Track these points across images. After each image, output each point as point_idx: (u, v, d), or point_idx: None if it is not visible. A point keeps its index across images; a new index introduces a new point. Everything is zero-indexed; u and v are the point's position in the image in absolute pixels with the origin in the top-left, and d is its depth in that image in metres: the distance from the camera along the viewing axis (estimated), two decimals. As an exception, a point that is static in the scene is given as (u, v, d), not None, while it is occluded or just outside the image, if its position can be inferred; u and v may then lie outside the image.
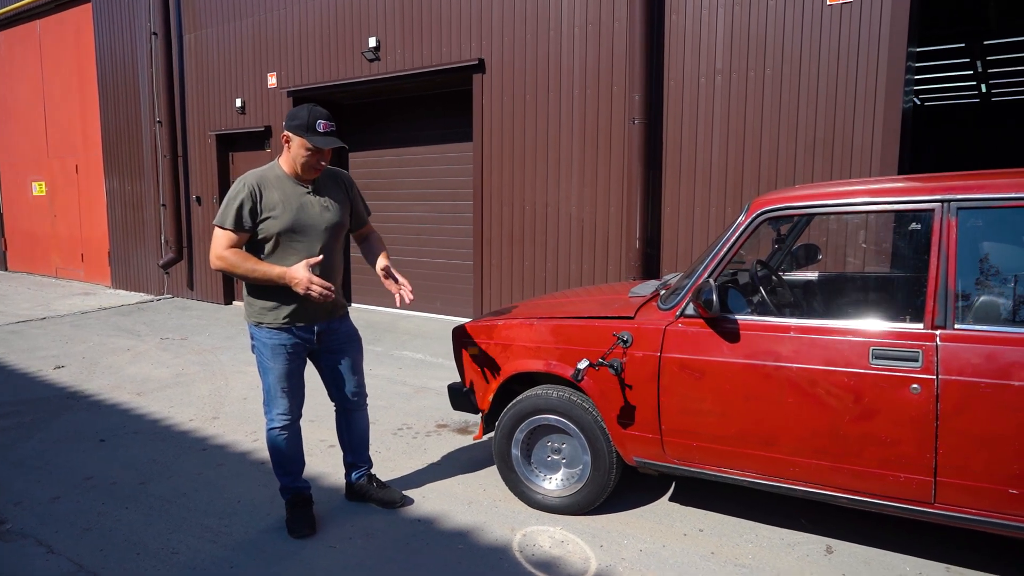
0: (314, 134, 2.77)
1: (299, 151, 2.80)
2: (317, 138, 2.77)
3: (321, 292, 2.71)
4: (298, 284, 2.71)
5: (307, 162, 2.81)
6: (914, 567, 2.67)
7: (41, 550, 2.87)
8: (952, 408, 2.29)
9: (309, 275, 2.71)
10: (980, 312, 2.36)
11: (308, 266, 2.73)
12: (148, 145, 9.50)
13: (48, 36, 11.01)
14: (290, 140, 2.82)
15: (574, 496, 3.09)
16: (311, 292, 2.70)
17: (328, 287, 2.73)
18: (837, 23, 4.76)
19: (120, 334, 7.22)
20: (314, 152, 2.80)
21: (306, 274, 2.71)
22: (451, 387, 3.52)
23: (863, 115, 4.71)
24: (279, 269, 2.74)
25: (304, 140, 2.77)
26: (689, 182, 5.45)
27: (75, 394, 5.08)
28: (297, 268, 2.72)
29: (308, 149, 2.78)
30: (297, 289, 2.71)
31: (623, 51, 5.61)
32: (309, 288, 2.70)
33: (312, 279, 2.70)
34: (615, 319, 2.98)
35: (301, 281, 2.70)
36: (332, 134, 2.82)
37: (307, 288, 2.70)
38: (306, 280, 2.70)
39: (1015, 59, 11.31)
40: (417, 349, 6.36)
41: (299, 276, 2.71)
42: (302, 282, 2.70)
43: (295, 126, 2.78)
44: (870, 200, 2.53)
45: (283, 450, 2.97)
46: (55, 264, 11.66)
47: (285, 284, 2.74)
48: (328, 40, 7.56)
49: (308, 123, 2.77)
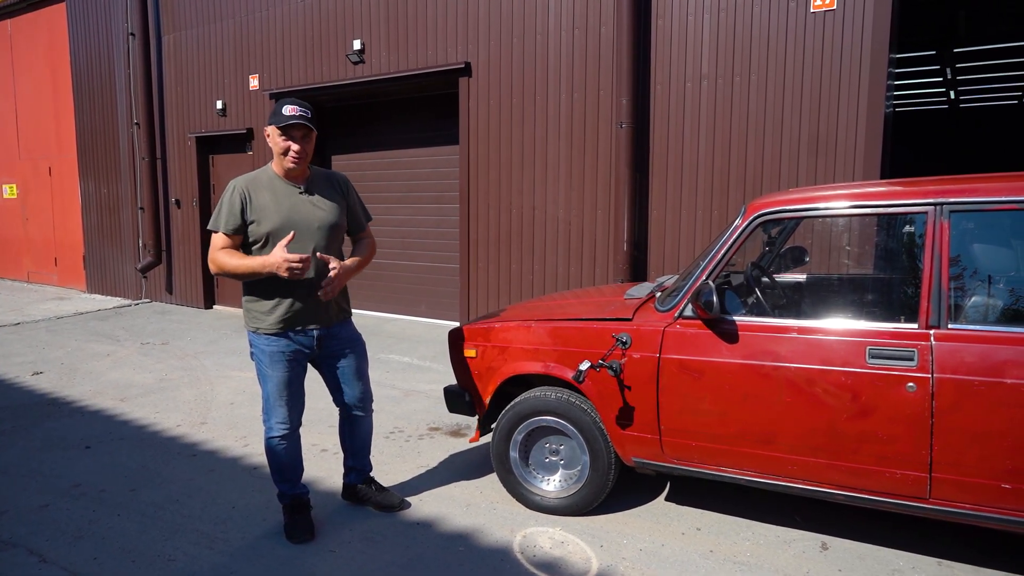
0: (280, 117, 2.78)
1: (275, 141, 2.82)
2: (282, 118, 2.77)
3: (299, 266, 2.65)
4: (275, 266, 2.66)
5: (282, 148, 2.81)
6: (907, 562, 2.73)
7: (33, 559, 2.81)
8: (947, 406, 2.35)
9: (283, 254, 2.66)
10: (973, 312, 2.43)
11: (282, 247, 2.69)
12: (125, 147, 9.34)
13: (20, 36, 10.78)
14: (269, 135, 2.85)
15: (573, 497, 3.11)
16: (292, 268, 2.64)
17: (304, 259, 2.66)
18: (820, 29, 4.86)
19: (99, 339, 7.09)
20: (285, 136, 2.79)
21: (280, 254, 2.67)
22: (447, 390, 3.52)
23: (846, 119, 4.81)
24: (259, 259, 2.72)
25: (275, 127, 2.79)
26: (676, 185, 5.51)
27: (56, 400, 4.98)
28: (273, 252, 2.70)
29: (280, 135, 2.79)
30: (279, 272, 2.66)
31: (610, 55, 5.66)
32: (289, 266, 2.64)
33: (287, 256, 2.65)
34: (613, 321, 3.00)
35: (277, 263, 2.66)
36: (301, 116, 2.79)
37: (287, 267, 2.64)
38: (280, 259, 2.65)
39: (984, 66, 11.61)
40: (404, 352, 6.33)
41: (274, 258, 2.67)
42: (277, 263, 2.66)
43: (269, 118, 2.83)
44: (864, 203, 2.59)
45: (282, 459, 2.94)
46: (27, 268, 11.40)
47: (269, 273, 2.70)
48: (312, 42, 7.52)
49: (276, 110, 2.80)
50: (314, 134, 2.87)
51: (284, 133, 2.79)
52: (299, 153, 2.82)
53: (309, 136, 2.85)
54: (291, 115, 2.77)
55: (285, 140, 2.80)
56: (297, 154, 2.82)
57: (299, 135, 2.81)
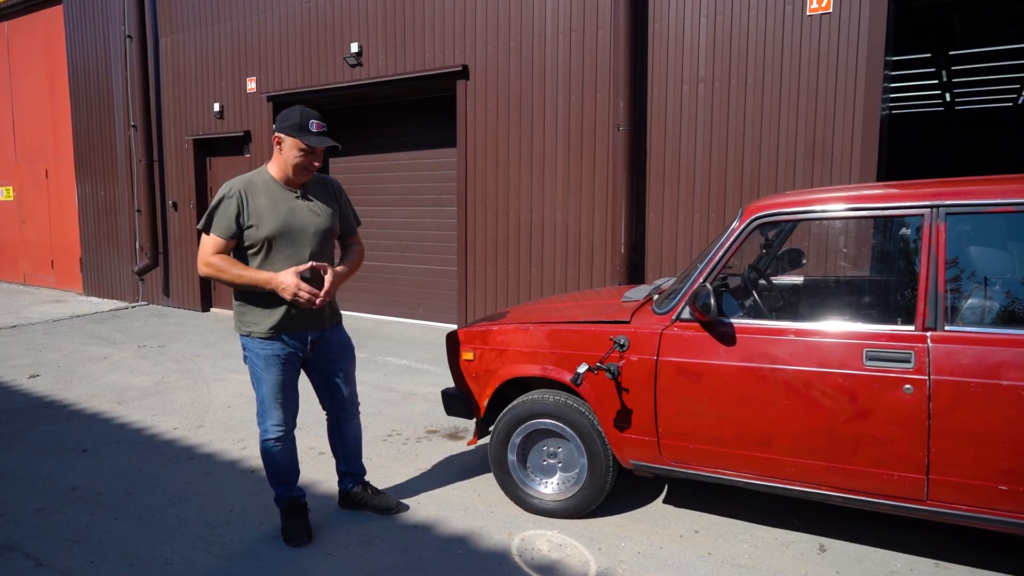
0: (307, 134, 2.76)
1: (291, 152, 2.79)
2: (311, 137, 2.76)
3: (308, 298, 2.70)
4: (285, 289, 2.70)
5: (300, 163, 2.80)
6: (905, 563, 2.73)
7: (30, 563, 2.81)
8: (944, 407, 2.36)
9: (296, 280, 2.70)
10: (969, 314, 2.44)
11: (296, 272, 2.72)
12: (122, 150, 9.33)
13: (17, 38, 10.77)
14: (282, 142, 2.80)
15: (571, 500, 3.11)
16: (299, 298, 2.70)
17: (315, 293, 2.73)
18: (816, 32, 4.88)
19: (95, 342, 7.07)
20: (307, 152, 2.79)
21: (294, 280, 2.70)
22: (445, 392, 3.52)
23: (843, 121, 4.82)
24: (266, 274, 2.73)
25: (297, 140, 2.76)
26: (673, 188, 5.52)
27: (52, 403, 4.96)
28: (285, 273, 2.71)
29: (301, 149, 2.77)
30: (284, 295, 2.71)
31: (607, 58, 5.68)
32: (297, 294, 2.69)
33: (300, 284, 2.70)
34: (611, 323, 3.01)
35: (288, 286, 2.69)
36: (325, 134, 2.82)
37: (294, 294, 2.69)
38: (293, 286, 2.69)
39: (980, 69, 11.66)
40: (401, 355, 6.33)
41: (286, 282, 2.70)
42: (289, 287, 2.69)
43: (287, 127, 2.77)
44: (861, 205, 2.60)
45: (278, 461, 2.94)
46: (23, 271, 11.37)
47: (272, 289, 2.73)
48: (309, 45, 7.52)
49: (301, 123, 2.76)
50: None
51: (307, 150, 2.77)
52: (312, 169, 2.84)
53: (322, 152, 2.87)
54: (319, 132, 2.77)
55: (306, 156, 2.79)
56: (309, 170, 2.83)
57: (320, 152, 2.82)
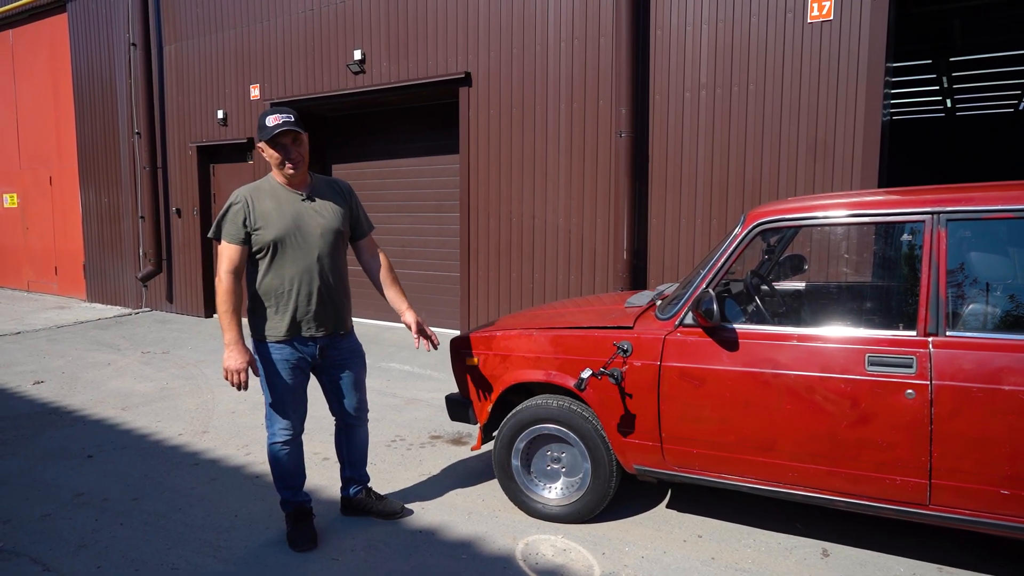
0: (265, 131, 2.80)
1: (268, 154, 2.85)
2: (267, 132, 2.79)
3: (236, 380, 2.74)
4: (227, 364, 2.74)
5: (278, 160, 2.83)
6: (908, 568, 2.74)
7: (36, 568, 2.82)
8: (945, 412, 2.37)
9: (242, 368, 2.74)
10: (971, 319, 2.45)
11: (247, 361, 2.76)
12: (126, 157, 9.38)
13: (21, 45, 10.83)
14: (263, 150, 2.87)
15: (574, 504, 3.12)
16: (230, 381, 2.75)
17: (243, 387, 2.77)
18: (818, 39, 4.91)
19: (99, 348, 7.10)
20: (277, 148, 2.82)
21: (238, 364, 2.73)
22: (449, 398, 3.54)
23: (844, 127, 4.85)
24: (232, 335, 2.76)
25: (263, 143, 2.82)
26: (675, 194, 5.54)
27: (57, 409, 4.99)
28: (238, 351, 2.75)
29: (271, 148, 2.82)
30: (224, 368, 2.77)
31: (609, 65, 5.71)
32: (230, 376, 2.74)
33: (240, 373, 2.74)
34: (614, 329, 3.02)
35: (230, 368, 2.74)
36: (283, 123, 2.80)
37: (229, 375, 2.74)
38: (234, 368, 2.73)
39: (980, 75, 11.69)
40: (404, 361, 6.35)
41: (232, 364, 2.74)
42: (230, 368, 2.74)
43: (258, 134, 2.84)
44: (863, 212, 2.62)
45: (285, 465, 2.96)
46: (27, 277, 11.41)
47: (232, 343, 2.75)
48: (313, 52, 7.57)
49: (261, 124, 2.82)
50: (304, 136, 2.88)
51: (273, 144, 2.81)
52: (295, 159, 2.84)
53: (299, 139, 2.86)
54: (275, 124, 2.78)
55: (278, 152, 2.82)
56: (293, 161, 2.84)
57: (288, 141, 2.83)
